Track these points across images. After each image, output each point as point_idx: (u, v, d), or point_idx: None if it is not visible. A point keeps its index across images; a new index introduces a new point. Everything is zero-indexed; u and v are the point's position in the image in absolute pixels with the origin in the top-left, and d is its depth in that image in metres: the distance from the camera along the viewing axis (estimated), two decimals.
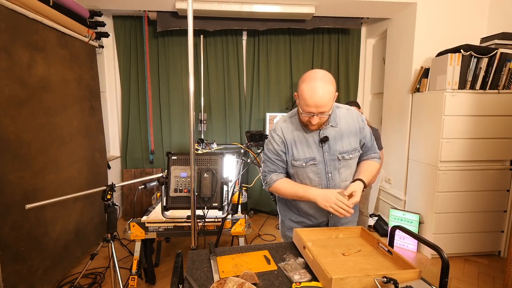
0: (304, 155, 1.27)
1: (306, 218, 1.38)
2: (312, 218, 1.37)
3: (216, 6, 2.94)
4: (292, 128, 1.30)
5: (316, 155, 1.27)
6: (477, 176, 2.62)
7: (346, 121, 1.29)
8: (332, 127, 1.27)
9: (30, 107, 2.04)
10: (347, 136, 1.28)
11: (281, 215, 1.51)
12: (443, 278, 0.94)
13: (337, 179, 1.28)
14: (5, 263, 1.78)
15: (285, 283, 0.98)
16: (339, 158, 1.27)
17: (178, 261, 1.03)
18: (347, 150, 1.28)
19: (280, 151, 1.31)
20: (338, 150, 1.27)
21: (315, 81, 1.12)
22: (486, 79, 2.52)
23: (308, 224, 1.39)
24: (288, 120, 1.33)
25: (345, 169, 1.29)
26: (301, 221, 1.40)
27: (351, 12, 3.27)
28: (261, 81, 3.68)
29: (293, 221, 1.42)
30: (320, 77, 1.13)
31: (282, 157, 1.32)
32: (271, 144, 1.33)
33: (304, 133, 1.28)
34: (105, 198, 1.82)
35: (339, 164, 1.27)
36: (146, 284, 2.31)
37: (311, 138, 1.27)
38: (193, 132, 1.48)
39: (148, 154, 3.67)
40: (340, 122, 1.28)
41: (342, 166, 1.28)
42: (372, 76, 3.96)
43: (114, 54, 3.55)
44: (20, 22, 1.98)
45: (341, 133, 1.27)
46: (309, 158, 1.27)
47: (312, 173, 1.28)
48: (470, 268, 2.55)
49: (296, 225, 1.40)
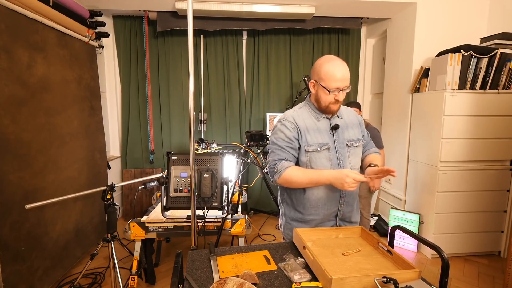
0: (317, 141, 1.31)
1: (315, 213, 1.35)
2: (322, 210, 1.34)
3: (216, 6, 2.94)
4: (303, 116, 1.35)
5: (328, 141, 1.32)
6: (477, 176, 2.62)
7: (348, 115, 1.41)
8: (338, 118, 1.36)
9: (30, 107, 2.04)
10: (351, 127, 1.38)
11: (285, 218, 1.46)
12: (443, 278, 0.94)
13: (347, 166, 1.32)
14: (5, 263, 1.78)
15: (285, 283, 0.98)
16: (348, 145, 1.34)
17: (178, 261, 1.03)
18: (354, 139, 1.36)
19: (293, 137, 1.31)
20: (347, 138, 1.35)
21: (335, 60, 1.24)
22: (486, 79, 2.52)
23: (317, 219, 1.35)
24: (298, 110, 1.38)
25: (353, 156, 1.35)
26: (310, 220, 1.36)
27: (351, 12, 3.27)
28: (261, 81, 3.68)
29: (299, 222, 1.38)
30: (336, 57, 1.26)
31: (294, 144, 1.31)
32: (282, 132, 1.32)
33: (316, 121, 1.34)
34: (105, 198, 1.82)
35: (349, 151, 1.34)
36: (146, 284, 2.31)
37: (323, 126, 1.33)
38: (193, 132, 1.48)
39: (148, 154, 3.67)
40: (344, 115, 1.39)
41: (351, 153, 1.34)
42: (372, 76, 3.96)
43: (114, 54, 3.55)
44: (20, 22, 1.98)
45: (346, 124, 1.37)
46: (323, 143, 1.31)
47: (325, 159, 1.31)
48: (470, 268, 2.55)
49: (304, 225, 1.37)
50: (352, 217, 1.42)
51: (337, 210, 1.36)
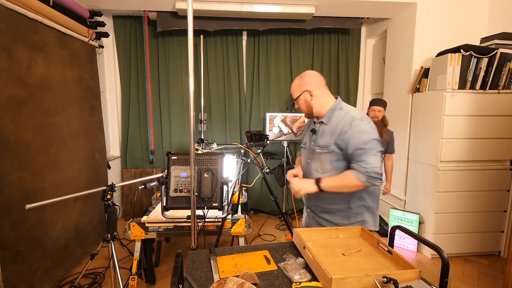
0: (304, 139, 1.56)
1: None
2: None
3: (216, 6, 2.94)
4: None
5: (307, 141, 1.51)
6: (477, 176, 2.62)
7: (335, 122, 1.37)
8: (324, 124, 1.41)
9: (30, 107, 2.04)
10: (327, 134, 1.39)
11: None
12: (443, 278, 0.94)
13: (311, 167, 1.46)
14: (5, 263, 1.78)
15: (285, 283, 0.98)
16: (313, 150, 1.44)
17: (178, 261, 1.03)
18: (320, 145, 1.40)
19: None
20: (317, 143, 1.42)
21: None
22: (486, 79, 2.52)
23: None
24: None
25: (315, 161, 1.44)
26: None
27: (351, 12, 3.27)
28: (261, 81, 3.68)
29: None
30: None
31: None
32: None
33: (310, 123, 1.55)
34: (105, 198, 1.82)
35: (312, 155, 1.45)
36: (146, 284, 2.31)
37: (309, 128, 1.51)
38: (193, 132, 1.48)
39: (148, 154, 3.67)
40: (332, 122, 1.39)
41: (314, 157, 1.44)
42: (372, 76, 3.96)
43: (114, 54, 3.55)
44: (20, 22, 1.98)
45: (326, 131, 1.40)
46: (304, 142, 1.55)
47: (302, 155, 1.56)
48: (470, 268, 2.55)
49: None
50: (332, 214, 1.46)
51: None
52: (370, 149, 1.27)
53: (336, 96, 1.44)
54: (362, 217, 1.41)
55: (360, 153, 1.28)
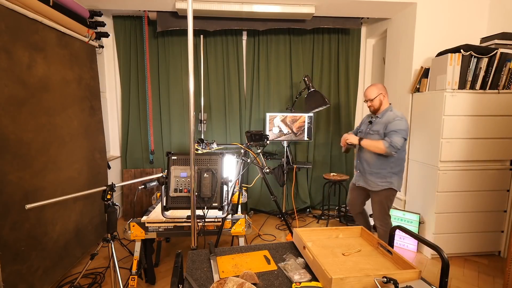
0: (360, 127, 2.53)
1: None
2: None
3: (216, 6, 2.95)
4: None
5: (363, 128, 2.45)
6: (477, 176, 2.62)
7: (385, 118, 2.25)
8: (378, 118, 2.31)
9: (30, 107, 2.04)
10: (379, 124, 2.28)
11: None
12: (443, 278, 0.94)
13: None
14: (5, 263, 1.78)
15: (285, 283, 0.98)
16: (367, 132, 2.35)
17: (178, 261, 1.03)
18: (373, 130, 2.30)
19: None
20: (372, 129, 2.32)
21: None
22: (486, 79, 2.52)
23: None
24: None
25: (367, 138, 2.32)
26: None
27: (351, 12, 3.27)
28: (261, 81, 3.69)
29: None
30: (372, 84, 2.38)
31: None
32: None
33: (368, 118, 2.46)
34: (105, 198, 1.82)
35: (366, 136, 2.35)
36: (146, 284, 2.31)
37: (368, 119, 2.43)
38: (193, 132, 1.48)
39: (148, 154, 3.67)
40: (383, 118, 2.27)
41: (367, 137, 2.34)
42: (372, 76, 3.96)
43: (114, 54, 3.55)
44: (20, 22, 1.98)
45: (379, 122, 2.29)
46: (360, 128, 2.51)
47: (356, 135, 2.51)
48: (470, 268, 2.55)
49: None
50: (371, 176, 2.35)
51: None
52: (397, 133, 2.13)
53: (390, 103, 2.33)
54: (391, 179, 2.26)
55: (392, 134, 2.15)
